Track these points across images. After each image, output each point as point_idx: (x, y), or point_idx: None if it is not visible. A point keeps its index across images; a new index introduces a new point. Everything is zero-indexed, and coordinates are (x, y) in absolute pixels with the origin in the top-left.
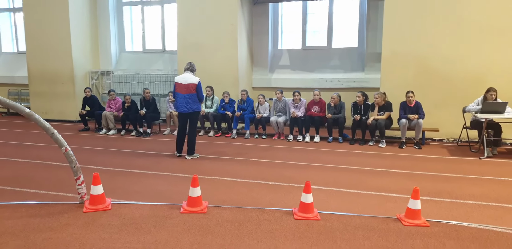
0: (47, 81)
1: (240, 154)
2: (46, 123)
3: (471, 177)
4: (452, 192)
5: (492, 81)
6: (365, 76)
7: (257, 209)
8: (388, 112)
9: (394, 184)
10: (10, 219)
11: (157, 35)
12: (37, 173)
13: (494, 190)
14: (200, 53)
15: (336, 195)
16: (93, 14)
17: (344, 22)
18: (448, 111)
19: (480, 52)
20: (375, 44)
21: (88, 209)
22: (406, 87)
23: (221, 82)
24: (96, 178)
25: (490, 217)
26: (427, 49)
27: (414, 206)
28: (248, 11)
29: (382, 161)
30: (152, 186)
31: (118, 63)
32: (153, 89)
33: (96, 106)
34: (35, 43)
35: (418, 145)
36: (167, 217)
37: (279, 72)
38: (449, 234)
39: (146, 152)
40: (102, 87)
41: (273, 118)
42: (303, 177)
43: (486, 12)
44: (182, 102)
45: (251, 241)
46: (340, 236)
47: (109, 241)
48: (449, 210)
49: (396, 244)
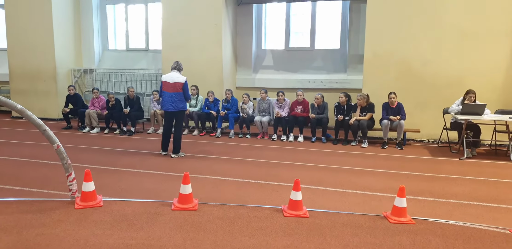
0: (28, 79)
1: (225, 153)
2: (38, 120)
3: (452, 177)
4: (434, 191)
5: (471, 84)
6: (347, 78)
7: (247, 206)
8: (371, 113)
9: (377, 183)
10: (1, 215)
11: (141, 34)
12: (22, 170)
13: (475, 189)
14: (185, 52)
15: (322, 194)
16: (77, 12)
17: (327, 24)
18: (429, 112)
19: (460, 55)
20: (357, 46)
21: (80, 206)
22: (388, 88)
23: (205, 82)
24: (87, 174)
25: (471, 215)
26: (408, 51)
27: (400, 204)
28: (232, 11)
29: (365, 161)
30: (139, 184)
31: (101, 61)
32: (137, 88)
33: (80, 105)
34: (16, 40)
35: (400, 146)
36: (159, 214)
37: (263, 72)
38: (434, 231)
39: (130, 150)
40: (85, 85)
41: (257, 118)
42: (289, 175)
43: (466, 17)
44: (168, 101)
45: (243, 238)
46: (329, 233)
47: (103, 237)
48: (432, 208)
49: (384, 240)
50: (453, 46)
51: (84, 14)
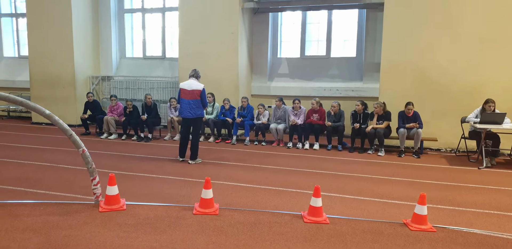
0: (48, 86)
1: (241, 160)
2: (65, 125)
3: (471, 186)
4: (453, 200)
5: (490, 93)
6: (363, 86)
7: (266, 212)
8: (387, 121)
9: (396, 191)
10: (30, 217)
11: (158, 42)
12: (44, 174)
13: (495, 198)
14: (201, 60)
15: (340, 201)
16: (95, 21)
17: (343, 32)
18: (447, 121)
19: (478, 64)
20: (373, 55)
21: (104, 209)
22: (405, 97)
23: (221, 90)
24: (112, 179)
25: (493, 224)
26: (425, 60)
27: (421, 211)
28: (248, 20)
29: (382, 169)
30: (159, 189)
31: (118, 69)
32: (154, 95)
33: (98, 111)
34: (37, 48)
35: (417, 154)
36: (181, 218)
37: (278, 80)
38: (455, 240)
39: (148, 156)
40: (102, 92)
41: (273, 126)
42: (306, 183)
43: (484, 24)
44: (186, 107)
45: (264, 242)
46: (350, 239)
47: (127, 240)
48: (452, 217)
49: (405, 247)
50: (471, 54)
51: (102, 22)
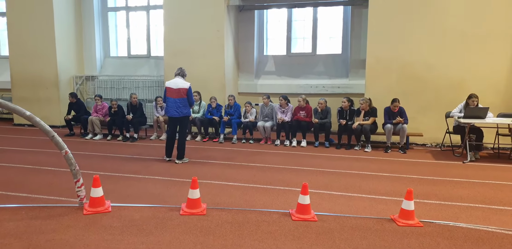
0: (30, 86)
1: (229, 158)
2: (47, 126)
3: (456, 180)
4: (439, 194)
5: (473, 87)
6: (349, 82)
7: (255, 210)
8: (373, 117)
9: (383, 187)
10: (11, 221)
11: (142, 41)
12: (27, 177)
13: (480, 192)
14: (187, 59)
15: (328, 198)
16: (78, 19)
17: (328, 30)
18: (431, 116)
19: (462, 59)
20: (358, 51)
21: (88, 211)
22: (390, 93)
23: (208, 88)
24: (96, 180)
25: (478, 217)
26: (410, 56)
27: (408, 206)
28: (234, 17)
29: (369, 165)
30: (145, 190)
31: (103, 68)
32: (139, 95)
33: (82, 111)
34: (18, 47)
35: (403, 150)
36: (168, 219)
37: (265, 78)
38: (442, 234)
39: (134, 157)
40: (87, 92)
41: (260, 123)
42: (294, 180)
43: (468, 20)
44: (172, 106)
45: (253, 242)
46: (338, 236)
47: (113, 242)
48: (439, 211)
49: (393, 243)
50: (455, 49)
51: (85, 21)
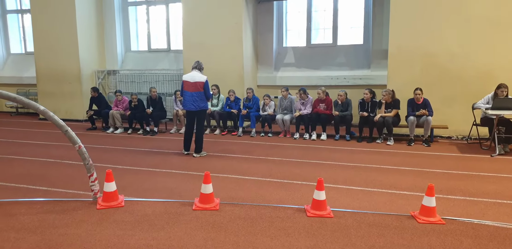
0: (54, 81)
1: (247, 152)
2: (60, 121)
3: (483, 174)
4: (465, 190)
5: (502, 77)
6: (371, 74)
7: (269, 206)
8: (396, 109)
9: (404, 182)
10: (26, 215)
11: (162, 35)
12: (48, 171)
13: (509, 187)
14: (205, 51)
15: (347, 193)
16: (99, 14)
17: (349, 19)
18: (457, 108)
19: (489, 48)
20: (380, 41)
21: (102, 206)
22: (414, 84)
23: (226, 81)
24: (109, 175)
25: (506, 214)
26: (434, 45)
27: (429, 203)
28: (252, 9)
29: (391, 159)
30: (162, 184)
31: (124, 62)
32: (159, 88)
33: (103, 106)
34: (43, 43)
35: (427, 142)
36: (180, 214)
37: (284, 70)
38: (466, 232)
39: (153, 150)
40: (108, 86)
41: (279, 116)
42: (312, 174)
43: (494, 7)
44: (189, 100)
45: (265, 238)
46: (354, 233)
47: (124, 238)
48: (464, 207)
49: (412, 241)
50: (481, 37)
51: (106, 16)
